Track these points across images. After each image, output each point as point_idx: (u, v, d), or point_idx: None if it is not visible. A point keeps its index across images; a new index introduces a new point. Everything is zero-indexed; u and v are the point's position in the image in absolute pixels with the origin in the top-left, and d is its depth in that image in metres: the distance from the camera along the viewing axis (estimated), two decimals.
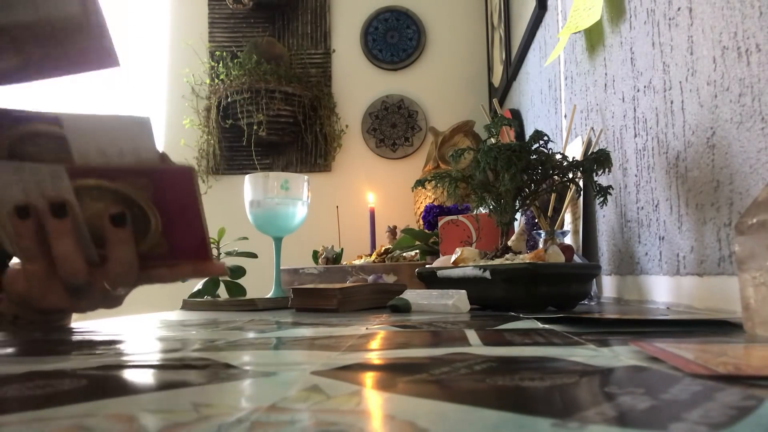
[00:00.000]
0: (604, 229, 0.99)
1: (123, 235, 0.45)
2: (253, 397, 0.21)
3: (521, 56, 1.73)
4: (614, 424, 0.16)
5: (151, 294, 1.45)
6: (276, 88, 2.30)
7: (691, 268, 0.67)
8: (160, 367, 0.29)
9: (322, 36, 2.57)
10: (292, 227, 1.04)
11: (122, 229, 0.45)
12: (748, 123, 0.55)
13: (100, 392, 0.23)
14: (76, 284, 0.47)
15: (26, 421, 0.18)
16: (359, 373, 0.26)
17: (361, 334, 0.43)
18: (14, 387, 0.24)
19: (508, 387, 0.22)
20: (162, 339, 0.43)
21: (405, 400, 0.20)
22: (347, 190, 2.45)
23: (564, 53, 1.26)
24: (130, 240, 0.46)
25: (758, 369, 0.24)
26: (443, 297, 0.70)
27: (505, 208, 0.79)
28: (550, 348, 0.33)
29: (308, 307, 0.82)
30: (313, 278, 1.43)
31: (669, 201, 0.74)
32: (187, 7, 2.60)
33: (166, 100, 2.55)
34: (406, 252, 1.43)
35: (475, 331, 0.43)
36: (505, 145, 0.76)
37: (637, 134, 0.84)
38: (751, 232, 0.36)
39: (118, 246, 0.46)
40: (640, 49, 0.82)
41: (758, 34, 0.53)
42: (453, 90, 2.51)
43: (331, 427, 0.16)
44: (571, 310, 0.71)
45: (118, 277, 0.47)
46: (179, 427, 0.16)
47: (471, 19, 2.53)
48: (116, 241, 0.45)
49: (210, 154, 2.47)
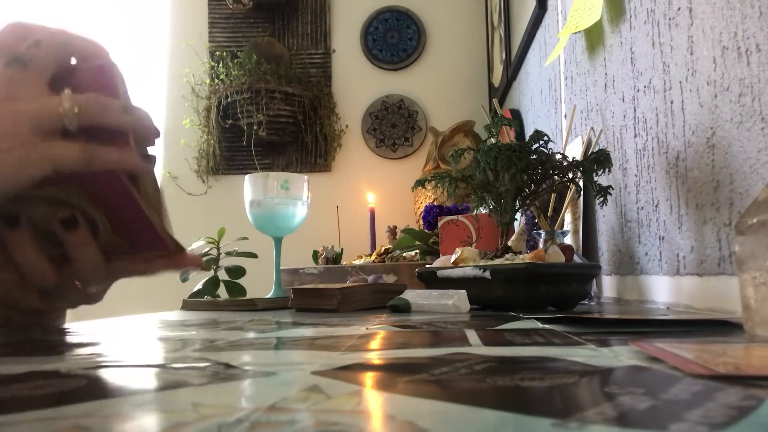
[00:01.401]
0: (604, 229, 0.99)
1: (79, 237, 0.45)
2: (253, 397, 0.21)
3: (521, 56, 1.73)
4: (614, 424, 0.16)
5: (151, 294, 1.44)
6: (276, 88, 2.30)
7: (691, 268, 0.67)
8: (160, 367, 0.29)
9: (322, 36, 2.57)
10: (292, 227, 1.04)
11: (76, 232, 0.44)
12: (748, 123, 0.55)
13: (100, 392, 0.23)
14: (47, 287, 0.46)
15: (26, 421, 0.18)
16: (359, 373, 0.26)
17: (361, 334, 0.43)
18: (14, 387, 0.24)
19: (508, 387, 0.22)
20: (162, 339, 0.43)
21: (405, 400, 0.20)
22: (347, 190, 2.45)
23: (564, 53, 1.26)
24: (87, 240, 0.45)
25: (758, 369, 0.24)
26: (443, 297, 0.70)
27: (505, 208, 0.79)
28: (550, 348, 0.33)
29: (308, 307, 0.82)
30: (313, 278, 1.43)
31: (669, 201, 0.74)
32: (187, 7, 2.59)
33: (166, 100, 2.55)
34: (406, 252, 1.43)
35: (475, 331, 0.43)
36: (505, 145, 0.76)
37: (637, 134, 0.84)
38: (751, 232, 0.36)
39: (78, 248, 0.45)
40: (640, 49, 0.82)
41: (758, 34, 0.53)
42: (453, 90, 2.51)
43: (331, 427, 0.16)
44: (571, 310, 0.71)
45: (85, 276, 0.47)
46: (179, 427, 0.16)
47: (471, 19, 2.53)
48: (74, 244, 0.45)
49: (210, 154, 2.47)
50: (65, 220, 0.44)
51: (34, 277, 0.45)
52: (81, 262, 0.46)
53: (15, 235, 0.44)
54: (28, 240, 0.44)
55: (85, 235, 0.45)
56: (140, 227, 0.46)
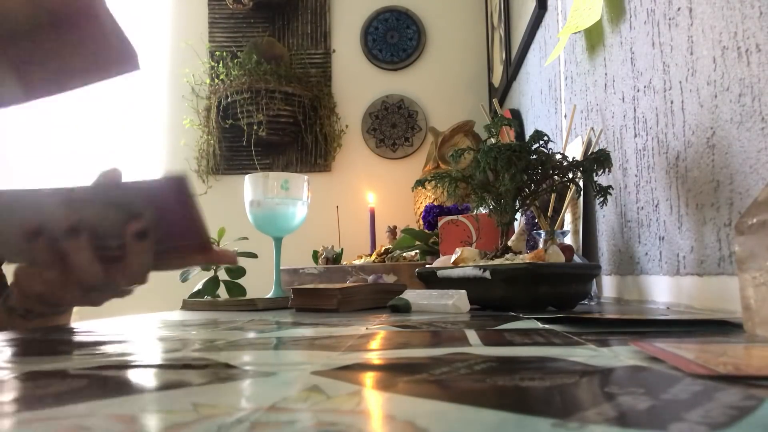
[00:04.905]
0: (604, 229, 0.99)
1: (144, 246, 0.48)
2: (253, 397, 0.21)
3: (521, 56, 1.73)
4: (614, 424, 0.16)
5: (151, 294, 1.45)
6: (276, 88, 2.30)
7: (691, 268, 0.67)
8: (160, 367, 0.29)
9: (322, 36, 2.57)
10: (292, 227, 1.04)
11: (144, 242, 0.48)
12: (748, 123, 0.55)
13: (100, 392, 0.23)
14: (95, 286, 0.50)
15: (26, 421, 0.18)
16: (359, 373, 0.26)
17: (361, 334, 0.43)
18: (14, 387, 0.24)
19: (508, 387, 0.22)
20: (162, 339, 0.43)
21: (405, 400, 0.20)
22: (347, 190, 2.45)
23: (564, 53, 1.26)
24: (150, 248, 0.49)
25: (758, 369, 0.24)
26: (443, 297, 0.70)
27: (505, 208, 0.79)
28: (550, 348, 0.33)
29: (308, 307, 0.82)
30: (313, 278, 1.43)
31: (669, 201, 0.74)
32: (187, 7, 2.59)
33: (166, 100, 2.54)
34: (406, 252, 1.43)
35: (475, 331, 0.43)
36: (505, 145, 0.76)
37: (637, 134, 0.84)
38: (751, 232, 0.36)
39: (139, 255, 0.49)
40: (640, 49, 0.82)
41: (758, 34, 0.53)
42: (453, 90, 2.51)
43: (331, 427, 0.16)
44: (571, 310, 0.71)
45: (133, 277, 0.50)
46: (179, 427, 0.16)
47: (471, 19, 2.53)
48: (138, 251, 0.48)
49: (210, 154, 2.47)
50: (138, 232, 0.47)
51: (85, 277, 0.48)
52: (135, 266, 0.49)
53: (75, 243, 0.47)
54: (86, 245, 0.47)
55: (149, 245, 0.48)
56: (184, 221, 0.48)
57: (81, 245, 0.47)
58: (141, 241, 0.48)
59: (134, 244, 0.48)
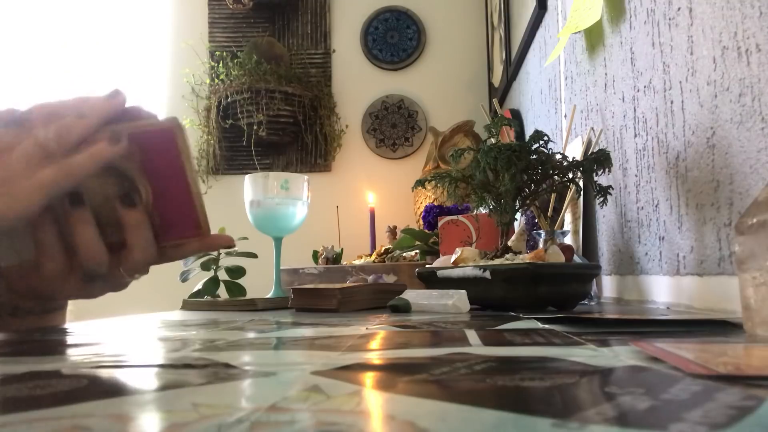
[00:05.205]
0: (604, 229, 0.99)
1: (137, 216, 0.44)
2: (253, 397, 0.21)
3: (521, 56, 1.73)
4: (614, 424, 0.16)
5: (151, 294, 1.44)
6: (276, 88, 2.30)
7: (691, 268, 0.67)
8: (160, 367, 0.29)
9: (322, 36, 2.57)
10: (292, 227, 1.04)
11: (134, 210, 0.44)
12: (748, 123, 0.55)
13: (100, 392, 0.23)
14: (98, 272, 0.46)
15: (26, 421, 0.18)
16: (359, 373, 0.26)
17: (361, 334, 0.43)
18: (14, 387, 0.24)
19: (508, 387, 0.22)
20: (162, 339, 0.43)
21: (405, 400, 0.20)
22: (347, 190, 2.45)
23: (564, 53, 1.26)
24: (145, 220, 0.45)
25: (758, 369, 0.24)
26: (443, 297, 0.70)
27: (505, 208, 0.79)
28: (550, 348, 0.33)
29: (308, 307, 0.82)
30: (313, 278, 1.43)
31: (669, 201, 0.74)
32: (187, 7, 2.59)
33: (166, 100, 2.54)
34: (406, 252, 1.43)
35: (475, 331, 0.43)
36: (505, 145, 0.76)
37: (637, 134, 0.84)
38: (751, 232, 0.36)
39: (137, 230, 0.45)
40: (640, 49, 0.82)
41: (758, 34, 0.53)
42: (453, 90, 2.51)
43: (331, 427, 0.16)
44: (571, 310, 0.71)
45: (137, 264, 0.46)
46: (179, 427, 0.16)
47: (471, 19, 2.53)
48: (134, 224, 0.44)
49: (210, 154, 2.47)
50: (123, 196, 0.44)
51: (88, 260, 0.44)
52: (138, 249, 0.45)
53: (78, 214, 0.43)
54: (89, 219, 0.44)
55: (143, 215, 0.45)
56: (179, 204, 0.46)
57: (85, 217, 0.43)
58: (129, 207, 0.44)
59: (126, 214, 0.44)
